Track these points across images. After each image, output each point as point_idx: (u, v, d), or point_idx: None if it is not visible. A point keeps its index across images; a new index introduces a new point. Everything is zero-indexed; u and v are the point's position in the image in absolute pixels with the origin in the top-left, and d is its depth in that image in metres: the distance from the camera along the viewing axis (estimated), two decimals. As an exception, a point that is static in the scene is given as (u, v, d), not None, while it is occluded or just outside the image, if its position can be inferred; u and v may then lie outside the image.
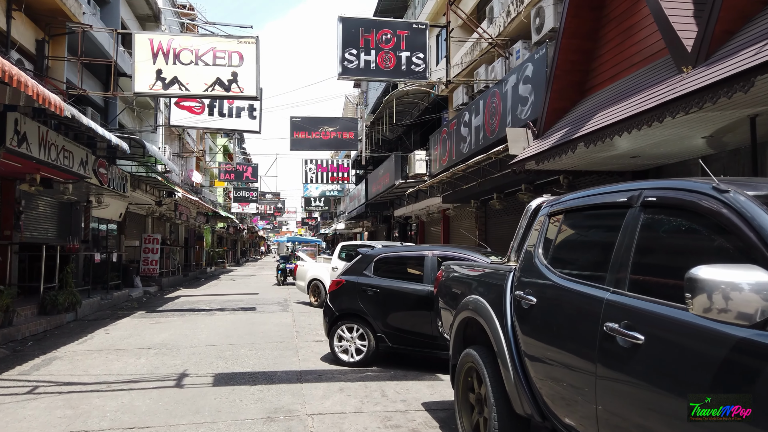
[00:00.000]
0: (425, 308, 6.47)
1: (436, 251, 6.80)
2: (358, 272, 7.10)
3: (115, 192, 14.44)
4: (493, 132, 11.81)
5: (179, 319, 11.65)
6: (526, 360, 3.24)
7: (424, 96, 18.50)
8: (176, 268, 23.23)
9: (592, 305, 2.59)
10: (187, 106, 15.57)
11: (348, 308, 6.99)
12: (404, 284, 6.77)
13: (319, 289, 13.74)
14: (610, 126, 6.47)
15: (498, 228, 15.95)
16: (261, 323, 10.91)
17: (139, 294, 16.83)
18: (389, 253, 7.16)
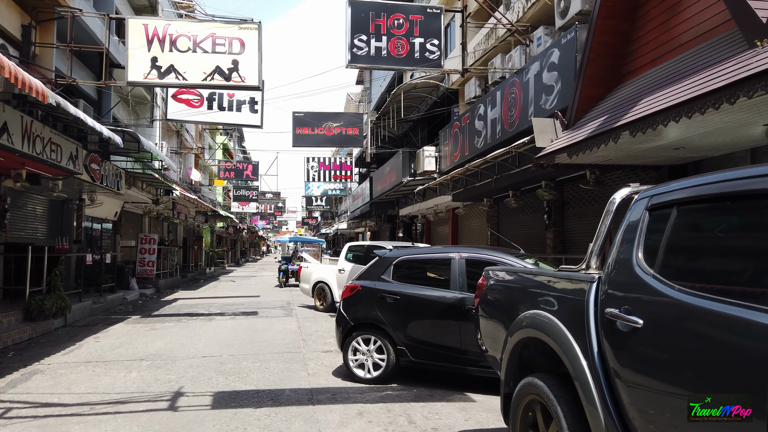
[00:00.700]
0: (452, 318, 5.70)
1: (464, 253, 6.01)
2: (376, 277, 6.31)
3: (109, 189, 13.65)
4: (512, 125, 11.03)
5: (176, 325, 10.86)
6: (624, 398, 2.46)
7: (432, 90, 17.72)
8: (174, 269, 22.45)
9: (754, 336, 1.81)
10: (185, 99, 14.78)
11: (364, 317, 6.21)
12: (428, 291, 5.99)
13: (324, 292, 12.96)
14: (663, 111, 5.69)
15: (512, 228, 15.18)
16: (264, 330, 10.13)
17: (135, 297, 16.03)
18: (411, 256, 6.38)
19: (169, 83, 10.86)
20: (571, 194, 12.00)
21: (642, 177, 9.49)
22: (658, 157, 8.03)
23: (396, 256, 6.36)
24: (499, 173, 12.34)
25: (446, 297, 5.80)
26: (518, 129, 10.75)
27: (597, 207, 10.94)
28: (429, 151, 16.43)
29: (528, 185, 12.31)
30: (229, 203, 38.97)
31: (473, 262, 5.95)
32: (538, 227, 13.45)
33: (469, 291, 5.74)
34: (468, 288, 5.77)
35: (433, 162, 16.48)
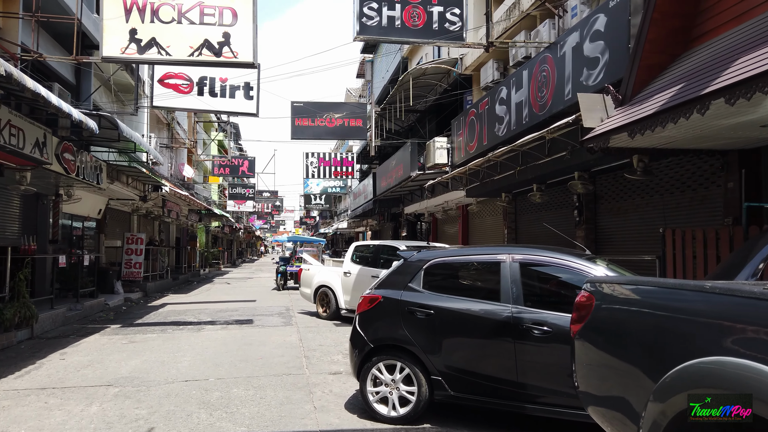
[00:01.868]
0: (505, 340, 4.34)
1: (517, 254, 4.64)
2: (401, 285, 4.94)
3: (88, 183, 12.23)
4: (543, 107, 9.67)
5: (159, 336, 9.47)
6: None
7: (443, 76, 16.36)
8: (165, 270, 21.02)
9: None
10: (173, 84, 13.38)
11: (388, 338, 4.84)
12: (471, 304, 4.62)
13: (328, 298, 11.58)
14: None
15: (532, 226, 13.82)
16: (259, 343, 8.74)
17: (119, 302, 14.63)
18: (446, 258, 4.99)
19: (150, 59, 9.46)
20: (606, 187, 10.67)
21: (699, 164, 8.16)
22: (733, 138, 6.68)
23: (427, 258, 4.98)
24: (524, 164, 10.99)
25: (496, 312, 4.43)
26: (551, 112, 9.39)
27: (639, 200, 9.61)
28: (440, 143, 15.06)
29: (557, 177, 10.96)
30: (224, 202, 37.54)
31: (530, 267, 4.59)
32: (565, 224, 12.08)
33: (527, 304, 4.38)
34: (525, 300, 4.40)
35: (444, 154, 15.12)
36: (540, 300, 4.52)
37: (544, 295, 4.65)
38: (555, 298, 4.58)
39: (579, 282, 4.41)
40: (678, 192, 8.66)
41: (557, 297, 4.61)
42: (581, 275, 4.32)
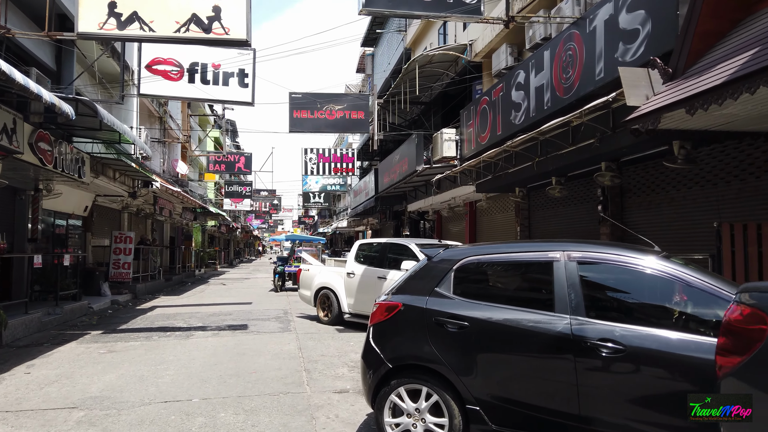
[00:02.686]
0: (563, 360, 3.39)
1: (574, 251, 3.69)
2: (426, 290, 3.98)
3: (68, 177, 11.26)
4: (569, 90, 8.73)
5: (142, 345, 8.50)
6: None
7: (450, 65, 15.41)
8: (157, 271, 20.03)
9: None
10: (162, 71, 12.39)
11: (410, 355, 3.89)
12: (516, 314, 3.66)
13: (329, 301, 10.62)
14: None
15: (548, 222, 12.89)
16: (254, 353, 7.78)
17: (105, 305, 13.65)
18: (483, 256, 4.01)
19: (130, 35, 8.48)
20: (635, 179, 9.73)
21: (748, 151, 7.22)
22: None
23: (457, 257, 4.02)
24: (544, 154, 10.05)
25: (550, 325, 3.48)
26: (578, 94, 8.45)
27: (675, 193, 8.68)
28: (448, 134, 14.12)
29: (582, 168, 10.03)
30: (221, 200, 36.56)
31: (591, 267, 3.64)
32: (587, 221, 11.16)
33: (590, 314, 3.43)
34: (587, 309, 3.45)
35: (453, 147, 14.17)
36: (607, 309, 3.57)
37: (612, 303, 3.70)
38: (626, 308, 3.63)
39: (659, 286, 3.46)
40: (722, 183, 7.72)
41: (628, 306, 3.65)
42: (661, 278, 3.38)
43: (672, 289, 3.43)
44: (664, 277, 3.38)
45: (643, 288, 3.52)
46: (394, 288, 4.25)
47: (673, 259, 3.63)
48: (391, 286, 4.37)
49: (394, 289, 4.22)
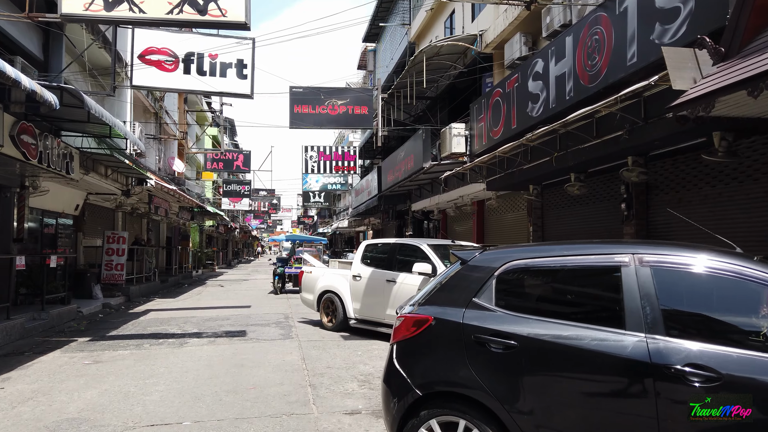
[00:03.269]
0: (639, 390, 2.70)
1: (646, 253, 3.01)
2: (462, 300, 3.29)
3: (56, 173, 10.58)
4: (595, 77, 8.05)
5: (131, 355, 7.81)
6: None
7: (458, 57, 14.74)
8: (152, 272, 19.32)
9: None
10: (155, 61, 11.69)
11: (444, 380, 3.20)
12: (576, 331, 2.97)
13: (334, 305, 9.93)
14: None
15: (562, 222, 12.23)
16: (253, 364, 7.09)
17: (96, 308, 12.96)
18: (530, 260, 3.29)
19: (119, 17, 7.80)
20: (662, 174, 9.07)
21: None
22: None
23: (499, 260, 3.32)
24: (564, 149, 9.38)
25: (620, 346, 2.80)
26: (606, 82, 7.77)
27: (708, 190, 8.03)
28: (457, 129, 13.43)
29: (605, 163, 9.36)
30: (219, 200, 35.84)
31: (669, 273, 2.95)
32: (607, 220, 10.49)
33: (671, 333, 2.76)
34: (666, 327, 2.77)
35: (462, 142, 13.49)
36: (692, 327, 2.89)
37: (698, 318, 3.00)
38: (718, 325, 2.94)
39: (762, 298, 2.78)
40: (765, 178, 7.06)
41: (721, 323, 2.97)
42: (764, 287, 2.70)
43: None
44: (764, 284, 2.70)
45: (741, 300, 2.84)
46: (421, 297, 3.57)
47: (758, 260, 2.96)
48: (417, 295, 3.69)
49: (422, 299, 3.54)
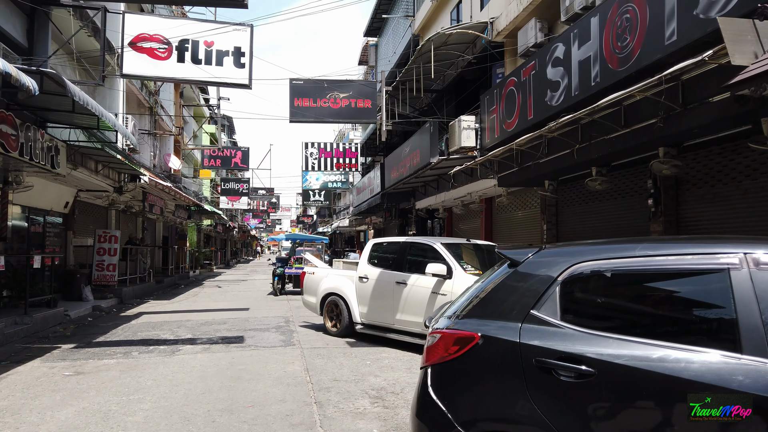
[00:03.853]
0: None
1: (764, 253, 2.29)
2: (517, 313, 2.58)
3: (40, 167, 9.86)
4: (625, 60, 7.35)
5: (117, 365, 7.10)
6: None
7: (467, 47, 14.04)
8: (146, 273, 18.60)
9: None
10: (147, 48, 10.98)
11: (497, 416, 2.51)
12: (673, 353, 2.26)
13: (339, 309, 9.22)
14: None
15: (579, 220, 11.55)
16: (251, 376, 6.39)
17: (85, 311, 12.26)
18: (605, 260, 2.57)
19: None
20: (695, 167, 8.38)
21: None
22: None
23: (564, 261, 2.60)
24: (586, 140, 8.68)
25: (735, 375, 2.10)
26: (639, 64, 7.07)
27: (749, 184, 7.36)
28: (467, 122, 12.74)
29: (633, 155, 8.69)
30: (217, 198, 35.13)
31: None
32: (632, 217, 9.81)
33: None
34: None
35: (472, 136, 12.79)
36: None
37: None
38: None
39: None
40: (819, 169, 6.37)
41: None
42: None
43: None
44: None
45: None
46: (460, 308, 2.86)
47: None
48: (454, 305, 2.98)
49: (461, 310, 2.83)
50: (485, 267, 8.05)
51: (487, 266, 8.19)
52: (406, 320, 7.96)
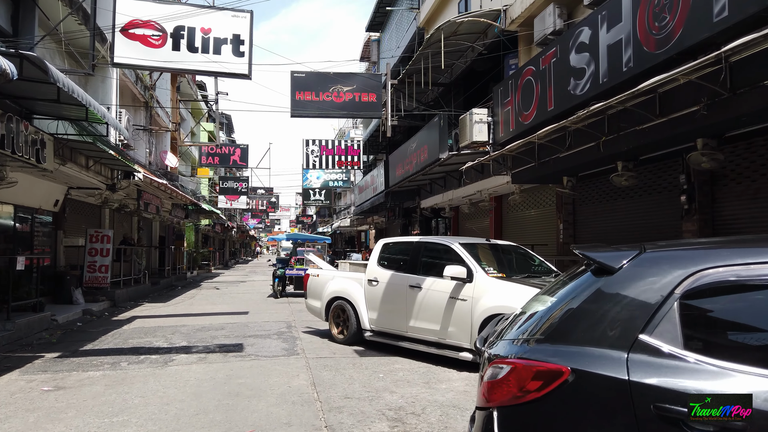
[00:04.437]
0: None
1: None
2: (619, 339, 1.89)
3: (23, 161, 9.16)
4: (665, 41, 6.66)
5: (103, 377, 6.41)
6: None
7: (478, 37, 13.35)
8: (141, 274, 17.89)
9: None
10: (140, 35, 10.28)
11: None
12: None
13: (345, 314, 8.53)
14: None
15: (599, 219, 10.91)
16: (251, 393, 5.70)
17: (75, 316, 11.57)
18: (746, 265, 1.91)
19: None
20: (732, 161, 7.72)
21: None
22: None
23: (682, 267, 1.92)
24: (613, 132, 7.99)
25: None
26: (681, 45, 6.39)
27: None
28: (479, 115, 12.05)
29: (666, 148, 8.02)
30: (215, 198, 34.42)
31: None
32: (660, 215, 9.15)
33: None
34: None
35: (484, 130, 12.10)
36: None
37: None
38: None
39: None
40: None
41: None
42: None
43: None
44: None
45: None
46: (532, 327, 2.17)
47: None
48: (520, 323, 2.29)
49: (535, 331, 2.14)
50: (507, 269, 7.37)
51: (510, 268, 7.50)
52: (421, 327, 7.28)
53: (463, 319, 6.70)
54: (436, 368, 6.81)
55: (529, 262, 7.99)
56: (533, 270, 7.71)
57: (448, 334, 6.90)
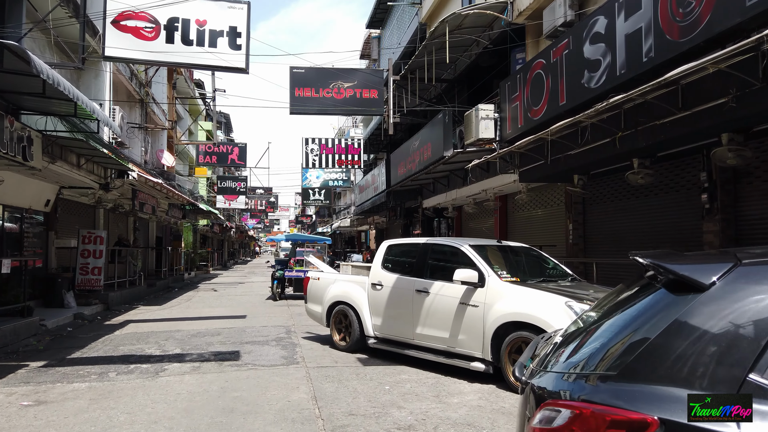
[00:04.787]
0: None
1: None
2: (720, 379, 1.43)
3: (8, 158, 8.70)
4: (690, 28, 6.23)
5: (89, 390, 5.96)
6: None
7: (483, 30, 12.91)
8: (137, 276, 17.44)
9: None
10: (133, 27, 9.83)
11: None
12: None
13: (348, 320, 8.09)
14: None
15: (611, 219, 10.48)
16: (247, 408, 5.25)
17: (65, 320, 11.12)
18: None
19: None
20: (758, 158, 7.28)
21: None
22: None
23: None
24: (630, 127, 7.56)
25: None
26: (711, 32, 5.96)
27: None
28: (486, 111, 11.61)
29: (686, 143, 7.58)
30: (213, 198, 33.96)
31: None
32: (677, 215, 8.72)
33: None
34: None
35: (491, 126, 11.66)
36: None
37: None
38: None
39: None
40: None
41: None
42: None
43: None
44: None
45: None
46: (593, 356, 1.73)
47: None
48: (571, 348, 1.85)
49: (600, 362, 1.69)
50: (521, 273, 6.93)
51: (523, 272, 7.06)
52: (429, 335, 6.83)
53: (474, 326, 6.26)
54: (445, 379, 6.37)
55: (543, 265, 7.54)
56: (548, 273, 7.27)
57: (459, 343, 6.46)
